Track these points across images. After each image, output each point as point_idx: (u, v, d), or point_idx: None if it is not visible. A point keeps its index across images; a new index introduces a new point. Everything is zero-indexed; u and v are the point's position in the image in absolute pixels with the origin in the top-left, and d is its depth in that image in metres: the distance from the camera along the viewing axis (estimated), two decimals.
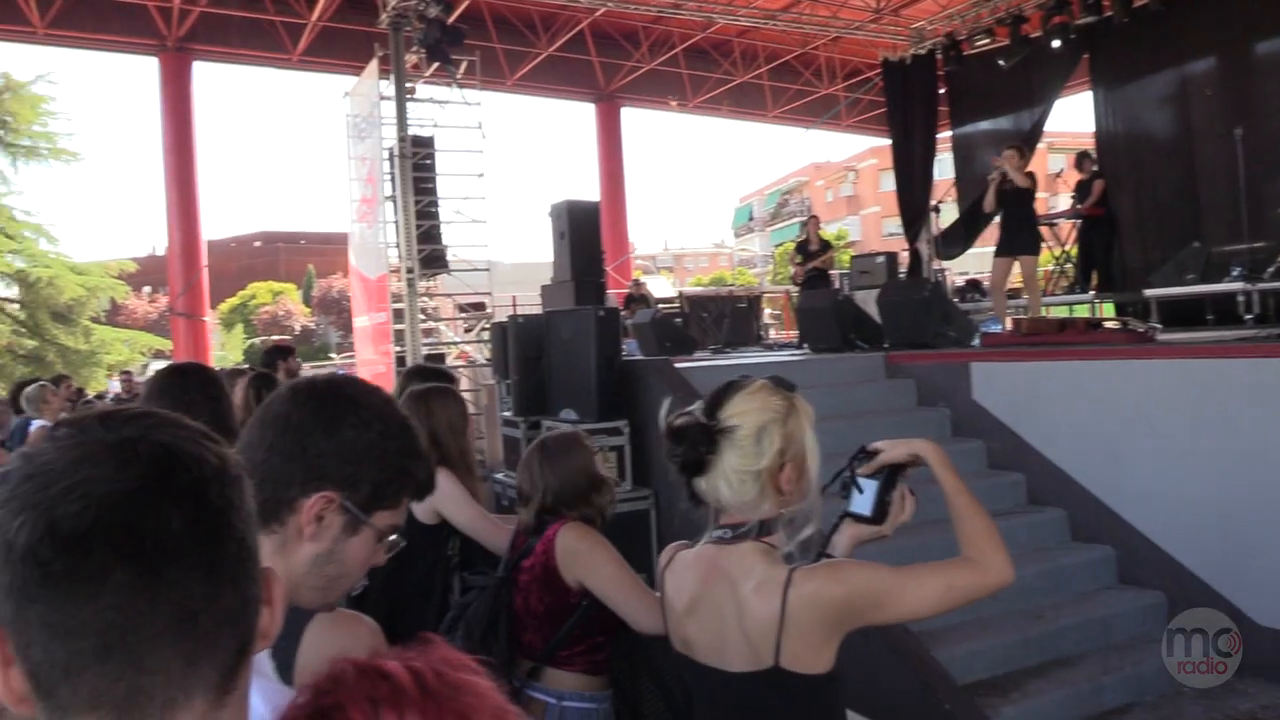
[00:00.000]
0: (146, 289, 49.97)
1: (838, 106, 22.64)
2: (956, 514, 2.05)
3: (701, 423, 2.02)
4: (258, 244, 68.57)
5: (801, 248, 14.24)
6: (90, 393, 21.27)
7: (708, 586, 2.05)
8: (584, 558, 2.91)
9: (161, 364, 27.75)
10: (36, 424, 6.43)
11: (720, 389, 2.09)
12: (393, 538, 1.45)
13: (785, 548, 2.02)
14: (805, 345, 10.23)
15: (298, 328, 52.13)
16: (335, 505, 1.38)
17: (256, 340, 47.11)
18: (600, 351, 6.90)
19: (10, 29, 19.42)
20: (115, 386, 22.14)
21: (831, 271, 14.44)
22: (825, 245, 14.28)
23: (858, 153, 59.70)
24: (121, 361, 30.25)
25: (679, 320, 13.59)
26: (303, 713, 0.73)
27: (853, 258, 16.91)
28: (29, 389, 7.32)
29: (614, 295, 15.78)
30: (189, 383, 2.84)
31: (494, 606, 2.99)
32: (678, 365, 7.45)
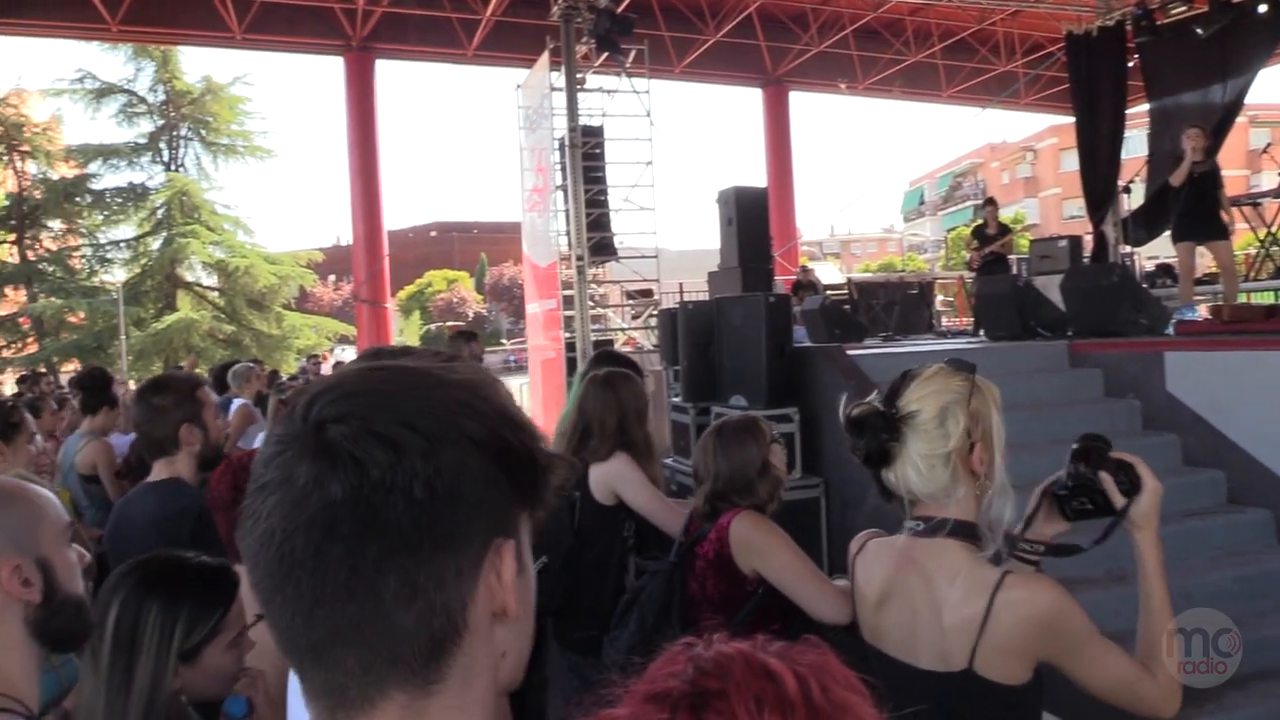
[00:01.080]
0: (331, 277, 52.58)
1: (1016, 84, 21.72)
2: (1150, 604, 1.94)
3: (880, 410, 1.97)
4: (433, 234, 71.17)
5: (978, 232, 13.74)
6: (284, 375, 22.47)
7: (900, 578, 2.01)
8: (759, 546, 2.90)
9: (346, 349, 29.11)
10: (238, 402, 6.85)
11: (896, 380, 2.03)
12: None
13: (991, 546, 1.94)
14: (982, 333, 9.89)
15: (470, 314, 53.93)
16: None
17: (432, 326, 48.99)
18: (771, 338, 6.84)
19: (212, 35, 20.74)
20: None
21: (1010, 257, 13.89)
22: (1004, 229, 13.74)
23: (1036, 132, 57.26)
24: (309, 346, 32.00)
25: (848, 307, 13.37)
26: (680, 689, 0.70)
27: (1032, 242, 16.22)
28: (238, 366, 7.81)
29: (781, 282, 15.64)
30: None
31: (668, 590, 3.02)
32: (849, 352, 7.32)
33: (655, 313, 15.43)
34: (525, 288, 18.43)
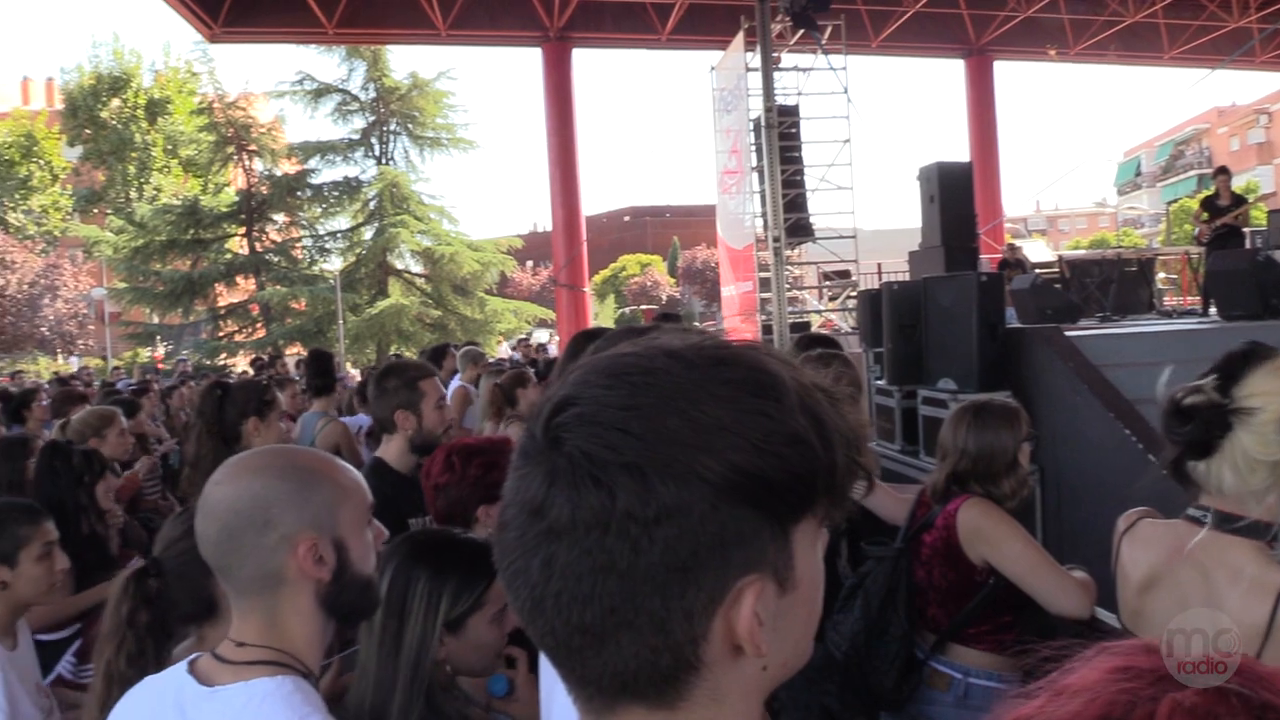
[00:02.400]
0: (529, 263, 54.15)
1: (1251, 41, 20.04)
2: None
3: (1217, 403, 1.77)
4: (627, 218, 72.24)
5: (1208, 203, 12.75)
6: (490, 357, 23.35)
7: (1171, 567, 1.85)
8: (989, 534, 2.78)
9: (545, 332, 29.91)
10: (455, 384, 7.13)
11: (1234, 359, 1.83)
12: None
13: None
14: (1213, 311, 9.20)
15: (664, 297, 54.46)
16: None
17: (626, 310, 49.77)
18: (982, 319, 6.58)
19: (419, 33, 21.68)
20: (505, 351, 24.15)
21: (1244, 230, 12.84)
22: (1238, 199, 12.71)
23: (1271, 93, 52.69)
24: (510, 330, 33.11)
25: (1059, 286, 12.70)
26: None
27: (1270, 213, 14.95)
28: (468, 348, 8.14)
29: (986, 261, 15.03)
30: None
31: (893, 577, 2.94)
32: (1067, 334, 6.95)
33: (854, 294, 15.14)
34: (720, 270, 18.45)
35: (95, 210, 39.79)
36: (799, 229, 15.32)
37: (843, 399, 0.78)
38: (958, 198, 10.36)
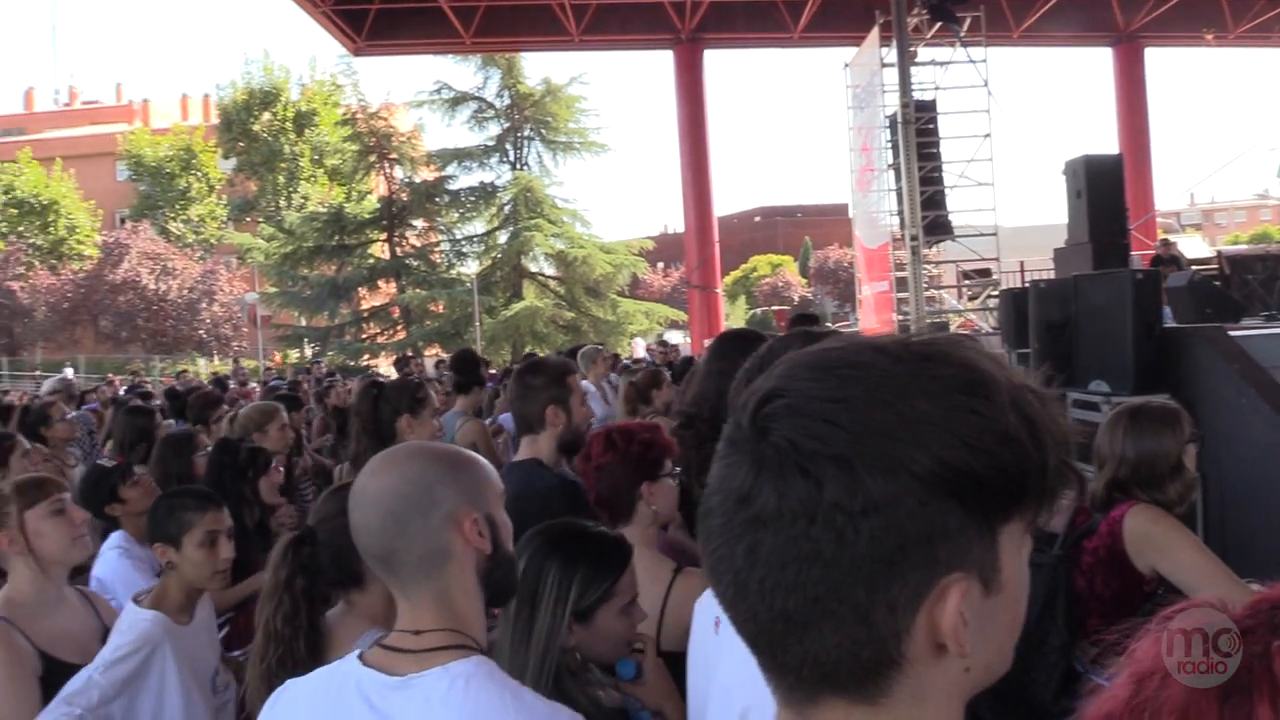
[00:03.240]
0: (660, 264, 54.33)
1: None
2: None
3: None
4: (757, 219, 71.79)
5: None
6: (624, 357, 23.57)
7: None
8: (1159, 542, 2.66)
9: (677, 333, 29.87)
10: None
11: None
12: None
13: None
14: None
15: (795, 298, 53.91)
16: None
17: (757, 310, 49.49)
18: (1138, 318, 6.30)
19: (553, 40, 22.05)
20: (639, 351, 24.24)
21: None
22: None
23: None
24: (641, 330, 33.30)
25: (1219, 283, 12.06)
26: None
27: None
28: (586, 348, 8.25)
29: (1138, 257, 14.39)
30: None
31: (1051, 585, 2.84)
32: (1231, 334, 6.59)
33: (995, 293, 14.70)
34: (856, 270, 18.16)
35: (248, 218, 41.74)
36: (937, 227, 14.97)
37: (1052, 400, 0.76)
38: (1107, 192, 9.98)
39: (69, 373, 23.22)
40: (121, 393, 10.10)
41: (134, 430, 4.80)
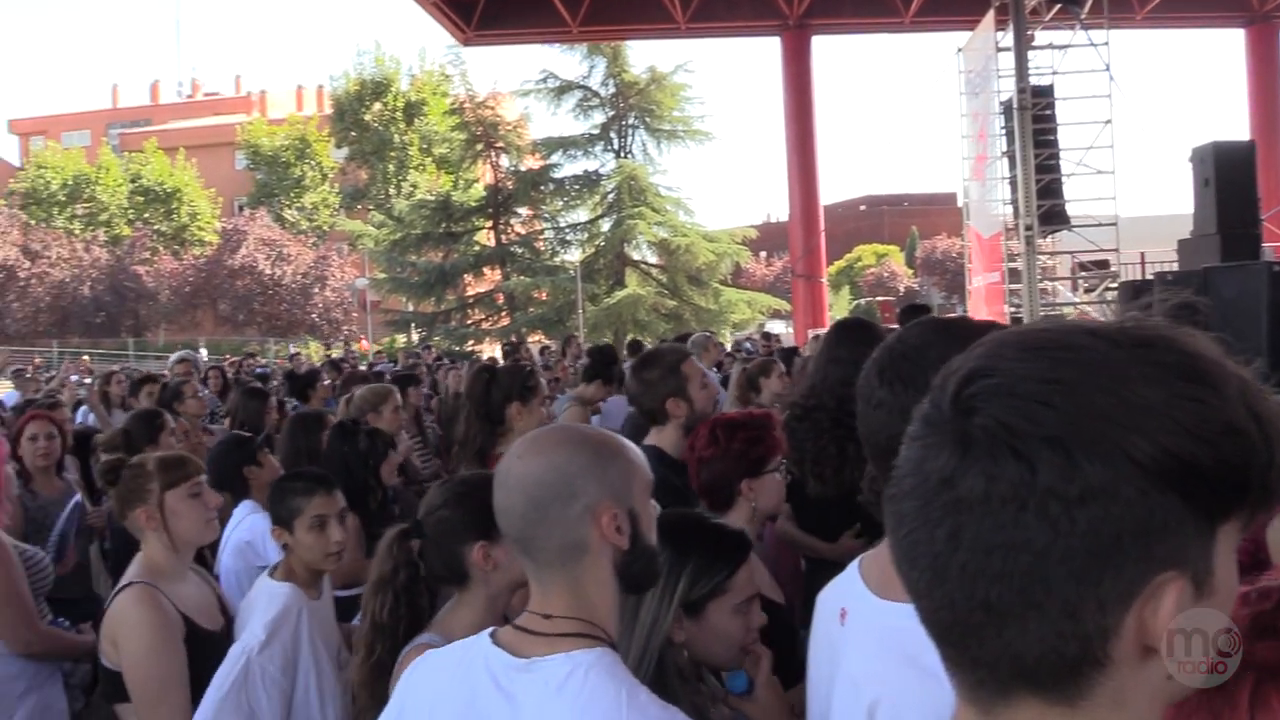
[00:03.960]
0: (763, 253, 53.95)
1: None
2: None
3: None
4: (862, 208, 70.68)
5: None
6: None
7: None
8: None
9: (779, 323, 29.58)
10: None
11: None
12: None
13: None
14: None
15: (901, 289, 52.99)
16: None
17: (861, 301, 48.78)
18: (1274, 312, 6.02)
19: (659, 27, 22.00)
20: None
21: None
22: None
23: None
24: (744, 320, 33.14)
25: None
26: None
27: None
28: (697, 336, 8.24)
29: (1269, 249, 13.73)
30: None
31: None
32: None
33: (1113, 285, 14.21)
34: (970, 260, 17.72)
35: (359, 206, 42.83)
36: (1053, 216, 14.50)
37: (1273, 396, 0.71)
38: (1237, 180, 9.55)
39: (204, 353, 24.19)
40: (231, 374, 10.44)
41: (248, 411, 4.96)
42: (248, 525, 3.37)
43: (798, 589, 3.42)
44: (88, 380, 13.54)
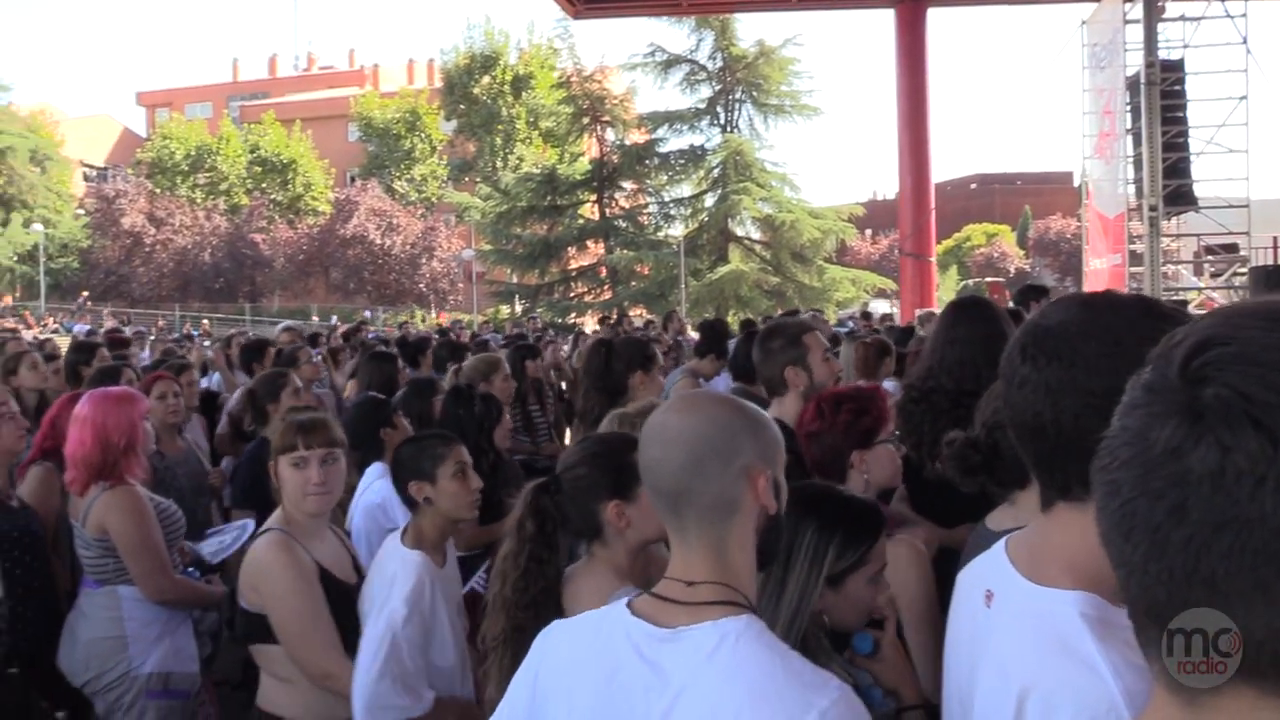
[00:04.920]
0: (868, 231, 53.11)
1: None
2: None
3: None
4: (973, 186, 68.97)
5: None
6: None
7: None
8: None
9: (884, 302, 29.11)
10: None
11: None
12: None
13: None
14: None
15: (1012, 269, 51.56)
16: None
17: (969, 282, 47.67)
18: None
19: (769, 0, 21.69)
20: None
21: None
22: None
23: None
24: (848, 299, 32.70)
25: None
26: None
27: None
28: (805, 316, 8.14)
29: None
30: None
31: None
32: None
33: (1242, 270, 13.58)
34: (1088, 241, 17.12)
35: (466, 179, 43.46)
36: (1179, 197, 13.92)
37: None
38: None
39: (334, 319, 24.83)
40: (342, 340, 10.68)
41: (379, 375, 5.06)
42: (378, 488, 3.44)
43: None
44: (206, 343, 14.06)
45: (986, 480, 1.76)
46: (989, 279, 43.52)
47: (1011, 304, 6.81)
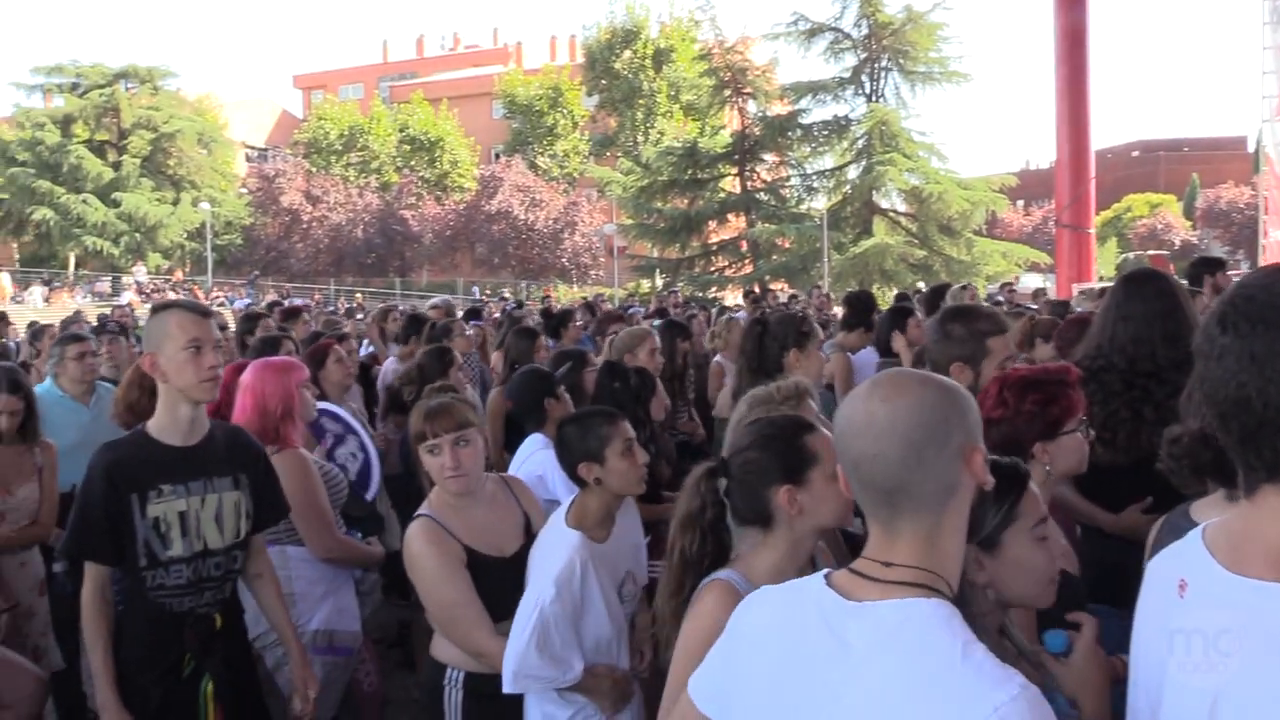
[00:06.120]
0: (1019, 202, 51.20)
1: None
2: None
3: None
4: (1135, 154, 65.55)
5: None
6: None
7: None
8: None
9: (1035, 276, 28.06)
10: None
11: None
12: None
13: None
14: None
15: (1177, 242, 48.82)
16: None
17: (1130, 254, 45.47)
18: None
19: None
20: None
21: None
22: None
23: None
24: (998, 272, 31.57)
25: None
26: None
27: None
28: (955, 289, 7.88)
29: None
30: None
31: None
32: None
33: None
34: (1269, 210, 16.01)
35: (607, 153, 43.74)
36: None
37: None
38: None
39: (476, 292, 25.56)
40: (497, 314, 10.91)
41: (519, 349, 5.12)
42: (539, 460, 3.46)
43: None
44: (359, 316, 14.55)
45: (1218, 480, 1.62)
46: (1151, 252, 41.36)
47: (1187, 277, 6.38)
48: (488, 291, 35.94)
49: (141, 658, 2.66)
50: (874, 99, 33.88)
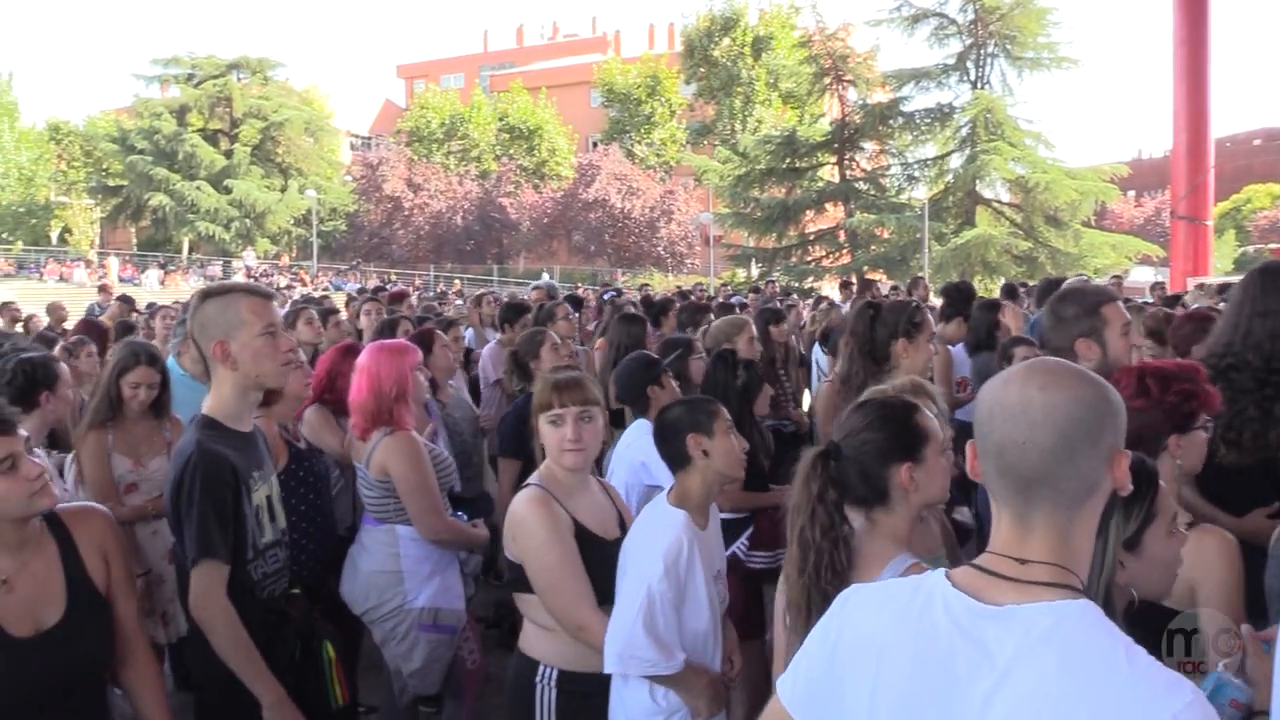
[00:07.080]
0: (1130, 193, 49.51)
1: None
2: None
3: None
4: (1257, 142, 62.67)
5: None
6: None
7: None
8: None
9: (1146, 270, 27.12)
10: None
11: None
12: None
13: None
14: None
15: None
16: None
17: (1249, 248, 43.60)
18: None
19: None
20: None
21: None
22: None
23: None
24: (1107, 265, 30.57)
25: None
26: None
27: None
28: (1072, 281, 7.67)
29: None
30: None
31: None
32: None
33: None
34: None
35: (704, 142, 43.61)
36: None
37: None
38: None
39: (545, 277, 25.82)
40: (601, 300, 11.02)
41: (629, 336, 5.15)
42: (643, 445, 3.49)
43: None
44: (459, 302, 14.79)
45: None
46: (1272, 245, 39.59)
47: None
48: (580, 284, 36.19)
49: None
50: (979, 86, 33.09)
